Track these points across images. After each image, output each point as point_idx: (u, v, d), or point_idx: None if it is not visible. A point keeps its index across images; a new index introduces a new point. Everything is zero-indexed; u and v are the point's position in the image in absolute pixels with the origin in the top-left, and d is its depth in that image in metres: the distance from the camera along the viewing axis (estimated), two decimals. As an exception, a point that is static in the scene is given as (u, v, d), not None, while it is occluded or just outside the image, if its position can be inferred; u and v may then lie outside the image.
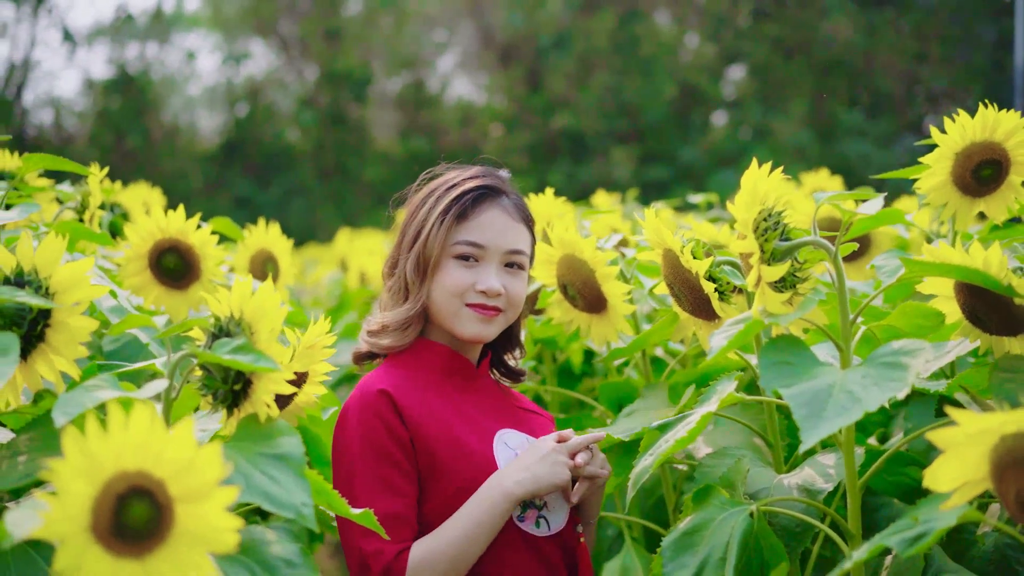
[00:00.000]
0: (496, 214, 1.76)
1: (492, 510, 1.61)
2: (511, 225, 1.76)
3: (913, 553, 1.13)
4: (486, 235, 1.74)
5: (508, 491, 1.61)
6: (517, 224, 1.78)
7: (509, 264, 1.76)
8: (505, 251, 1.75)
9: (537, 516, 1.69)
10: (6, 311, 1.29)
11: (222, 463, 0.99)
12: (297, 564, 1.25)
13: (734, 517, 1.40)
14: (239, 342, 1.29)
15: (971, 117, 1.68)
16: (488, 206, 1.76)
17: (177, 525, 0.98)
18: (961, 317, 1.52)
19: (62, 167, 1.81)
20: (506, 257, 1.75)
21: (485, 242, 1.74)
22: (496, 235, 1.74)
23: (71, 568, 0.94)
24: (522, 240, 1.78)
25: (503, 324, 1.77)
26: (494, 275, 1.73)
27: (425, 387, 1.73)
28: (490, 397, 1.81)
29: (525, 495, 1.62)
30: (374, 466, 1.64)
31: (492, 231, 1.74)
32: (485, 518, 1.61)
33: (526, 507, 1.68)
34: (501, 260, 1.75)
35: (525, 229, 1.79)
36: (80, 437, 0.95)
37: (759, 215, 1.42)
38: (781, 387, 1.30)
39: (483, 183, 1.78)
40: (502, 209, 1.76)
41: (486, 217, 1.75)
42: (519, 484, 1.61)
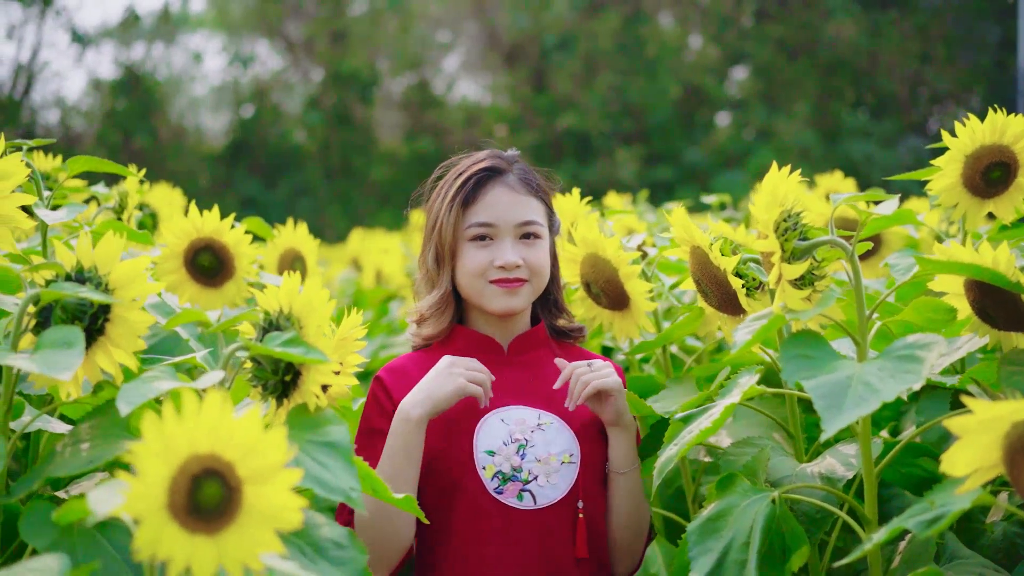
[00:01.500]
0: (501, 192, 1.84)
1: (399, 438, 1.72)
2: (518, 199, 1.84)
3: (930, 534, 1.19)
4: (494, 213, 1.83)
5: (407, 414, 1.72)
6: (524, 197, 1.85)
7: (524, 236, 1.84)
8: (516, 224, 1.83)
9: (519, 490, 1.76)
10: (68, 306, 1.36)
11: (286, 447, 1.06)
12: (345, 546, 1.31)
13: (757, 503, 1.47)
14: (289, 335, 1.36)
15: (980, 120, 1.74)
16: (492, 186, 1.85)
17: (245, 504, 1.05)
18: (971, 313, 1.59)
19: (105, 168, 1.89)
20: (519, 230, 1.83)
21: (494, 220, 1.83)
22: (503, 211, 1.83)
23: (150, 544, 1.01)
24: (532, 211, 1.85)
25: (531, 293, 1.85)
26: (509, 249, 1.82)
27: None
28: (522, 374, 1.86)
29: (424, 414, 1.71)
30: (363, 436, 1.83)
31: (499, 208, 1.83)
32: (396, 447, 1.72)
33: (505, 480, 1.76)
34: (515, 234, 1.83)
35: (534, 200, 1.86)
36: (158, 421, 1.02)
37: (779, 216, 1.49)
38: (802, 379, 1.37)
39: (484, 166, 1.87)
40: (506, 186, 1.85)
41: (491, 196, 1.84)
42: (416, 405, 1.72)
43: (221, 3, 19.60)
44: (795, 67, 16.35)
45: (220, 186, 15.87)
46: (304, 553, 1.30)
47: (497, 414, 1.81)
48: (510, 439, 1.79)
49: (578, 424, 1.83)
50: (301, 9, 18.59)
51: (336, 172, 17.00)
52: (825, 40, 16.20)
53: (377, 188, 16.72)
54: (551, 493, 1.77)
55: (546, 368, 1.88)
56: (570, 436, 1.81)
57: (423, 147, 16.78)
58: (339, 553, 1.31)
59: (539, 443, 1.79)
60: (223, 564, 1.04)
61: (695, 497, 2.10)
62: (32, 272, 1.41)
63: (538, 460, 1.78)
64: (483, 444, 1.78)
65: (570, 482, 1.78)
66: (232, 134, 17.79)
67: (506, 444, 1.79)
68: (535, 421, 1.81)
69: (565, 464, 1.79)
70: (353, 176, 16.98)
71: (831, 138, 15.52)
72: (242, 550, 1.05)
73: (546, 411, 1.83)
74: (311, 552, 1.30)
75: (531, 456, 1.78)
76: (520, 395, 1.84)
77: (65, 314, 1.36)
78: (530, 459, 1.78)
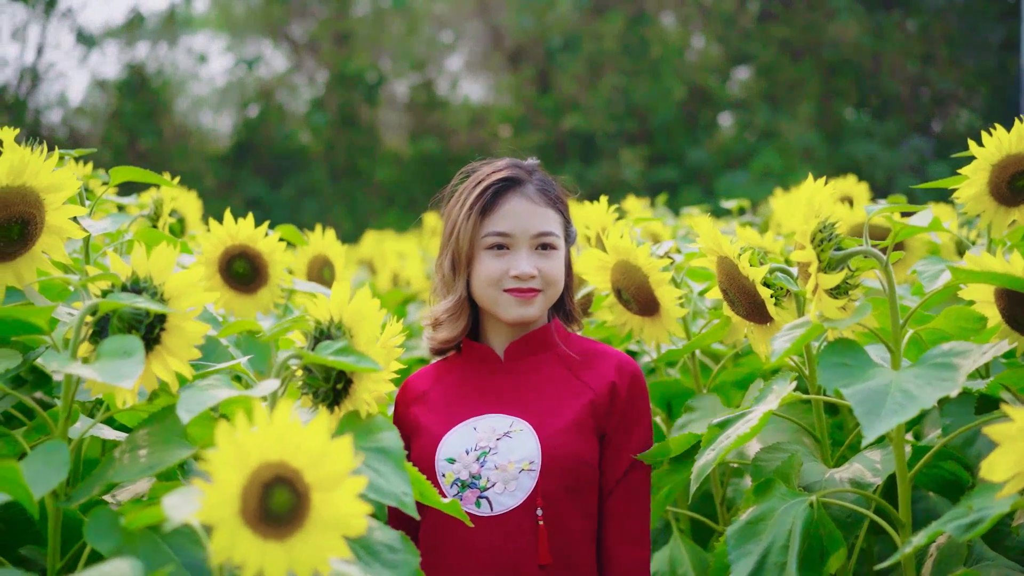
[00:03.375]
0: (518, 202, 1.87)
1: None
2: (535, 210, 1.87)
3: (970, 538, 1.23)
4: (511, 223, 1.85)
5: None
6: (542, 208, 1.87)
7: (540, 247, 1.86)
8: (532, 235, 1.86)
9: (477, 497, 1.78)
10: (125, 316, 1.40)
11: (352, 455, 1.09)
12: (398, 549, 1.35)
13: (796, 507, 1.51)
14: (341, 344, 1.40)
15: (987, 121, 1.78)
16: (510, 196, 1.87)
17: (313, 511, 1.09)
18: (1001, 321, 1.62)
19: (146, 179, 1.92)
20: (535, 240, 1.86)
21: (511, 230, 1.85)
22: (521, 222, 1.85)
23: (225, 549, 1.04)
24: (549, 222, 1.87)
25: (544, 303, 1.87)
26: (525, 260, 1.84)
27: (444, 376, 1.93)
28: (511, 381, 1.88)
29: None
30: None
31: (516, 219, 1.86)
32: None
33: (464, 487, 1.78)
34: (531, 244, 1.86)
35: (551, 211, 1.88)
36: (231, 431, 1.05)
37: (816, 227, 1.53)
38: (841, 387, 1.41)
39: (503, 175, 1.89)
40: (524, 197, 1.87)
41: (509, 207, 1.86)
42: None
43: (225, 4, 19.64)
44: (798, 68, 16.38)
45: (225, 187, 15.91)
46: (359, 556, 1.33)
47: (471, 423, 1.84)
48: (475, 447, 1.81)
49: (549, 431, 1.81)
50: (305, 10, 18.63)
51: (341, 173, 17.04)
52: (828, 41, 16.22)
53: (382, 189, 16.76)
54: (508, 500, 1.78)
55: (539, 373, 1.88)
56: (535, 444, 1.79)
57: (428, 148, 16.82)
58: (392, 556, 1.35)
59: (503, 450, 1.79)
60: (293, 569, 1.08)
61: (723, 500, 2.13)
62: (88, 283, 1.45)
63: (497, 468, 1.78)
64: (445, 452, 1.81)
65: (528, 490, 1.77)
66: (237, 135, 17.82)
67: (468, 452, 1.80)
68: (505, 428, 1.82)
69: (524, 472, 1.78)
70: (358, 177, 17.01)
71: (834, 138, 15.55)
72: (311, 555, 1.08)
73: (520, 418, 1.83)
74: (365, 555, 1.33)
75: (491, 464, 1.79)
76: (500, 402, 1.86)
77: (122, 324, 1.40)
78: (489, 466, 1.78)
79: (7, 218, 1.52)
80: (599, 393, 1.85)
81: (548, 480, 1.78)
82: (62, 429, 1.40)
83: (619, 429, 1.84)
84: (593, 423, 1.83)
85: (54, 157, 1.53)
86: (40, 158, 1.51)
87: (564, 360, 1.89)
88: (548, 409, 1.84)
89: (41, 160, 1.51)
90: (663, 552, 2.18)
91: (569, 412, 1.83)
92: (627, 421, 1.85)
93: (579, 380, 1.87)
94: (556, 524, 1.78)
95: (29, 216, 1.53)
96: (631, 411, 1.85)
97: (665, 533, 2.31)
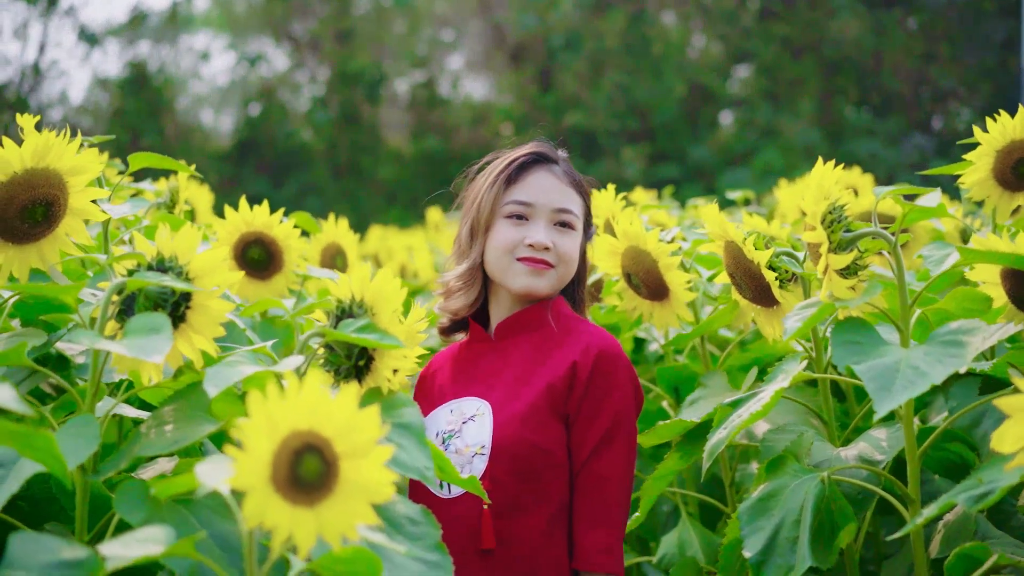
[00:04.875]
0: (544, 175, 1.88)
1: None
2: (559, 187, 1.88)
3: (981, 508, 1.26)
4: (533, 194, 1.86)
5: None
6: (566, 187, 1.88)
7: (559, 223, 1.86)
8: (553, 209, 1.86)
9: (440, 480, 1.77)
10: (151, 294, 1.43)
11: (379, 424, 1.12)
12: (420, 522, 1.38)
13: (807, 484, 1.54)
14: (364, 322, 1.43)
15: (990, 118, 1.81)
16: (537, 169, 1.89)
17: (342, 478, 1.12)
18: (1007, 301, 1.66)
19: (164, 165, 1.95)
20: (555, 216, 1.86)
21: (532, 200, 1.86)
22: (543, 194, 1.86)
23: (256, 515, 1.07)
24: (571, 201, 1.88)
25: (556, 280, 1.85)
26: (543, 230, 1.84)
27: (450, 357, 1.94)
28: (495, 362, 1.87)
29: None
30: None
31: (540, 190, 1.87)
32: None
33: None
34: (550, 218, 1.86)
35: (575, 193, 1.90)
36: (263, 400, 1.08)
37: (826, 208, 1.56)
38: (853, 364, 1.44)
39: (534, 150, 1.92)
40: (551, 172, 1.89)
41: (534, 178, 1.88)
42: None
43: (226, 2, 19.67)
44: (799, 65, 16.41)
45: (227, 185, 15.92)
46: (382, 528, 1.36)
47: (450, 405, 1.85)
48: (444, 430, 1.81)
49: (504, 415, 1.79)
50: (307, 8, 18.65)
51: (343, 171, 17.07)
52: (829, 39, 16.25)
53: (384, 187, 16.79)
54: None
55: (517, 354, 1.85)
56: (489, 428, 1.78)
57: (429, 146, 16.85)
58: (414, 529, 1.38)
59: (464, 434, 1.79)
60: (322, 534, 1.11)
61: (732, 482, 2.16)
62: (114, 262, 1.48)
63: (456, 452, 1.78)
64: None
65: (479, 474, 1.75)
66: (239, 133, 17.86)
67: (437, 435, 1.81)
68: (472, 411, 1.81)
69: (477, 456, 1.77)
70: (360, 175, 17.05)
71: (835, 136, 15.57)
72: (340, 521, 1.11)
73: (486, 400, 1.82)
74: (388, 527, 1.36)
75: (452, 447, 1.79)
76: (478, 384, 1.85)
77: (148, 302, 1.43)
78: (451, 450, 1.78)
79: (31, 200, 1.55)
80: (557, 375, 1.79)
81: (496, 465, 1.75)
82: (90, 404, 1.42)
83: (582, 411, 1.78)
84: (550, 407, 1.78)
85: (77, 140, 1.56)
86: (64, 140, 1.54)
87: (546, 340, 1.85)
88: (510, 392, 1.81)
89: (65, 143, 1.54)
90: (672, 535, 2.21)
91: (528, 395, 1.80)
92: (590, 402, 1.78)
93: (547, 361, 1.82)
94: (504, 509, 1.75)
95: (53, 198, 1.56)
96: (594, 392, 1.78)
97: (674, 516, 2.34)
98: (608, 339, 1.84)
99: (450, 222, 4.97)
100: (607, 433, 1.77)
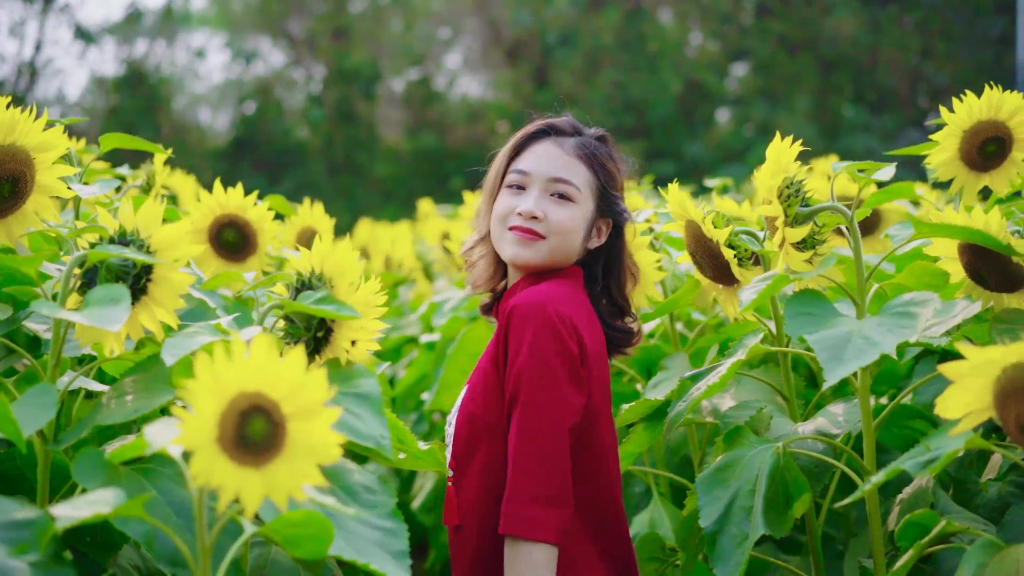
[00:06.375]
0: (548, 147, 1.84)
1: None
2: (561, 157, 1.82)
3: (924, 474, 1.28)
4: (531, 163, 1.82)
5: None
6: (569, 158, 1.82)
7: (556, 194, 1.80)
8: (548, 178, 1.80)
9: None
10: (113, 267, 1.44)
11: (327, 386, 1.14)
12: (376, 491, 1.40)
13: (762, 454, 1.55)
14: (322, 294, 1.44)
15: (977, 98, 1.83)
16: (542, 140, 1.85)
17: (289, 439, 1.14)
18: (964, 276, 1.67)
19: (135, 146, 1.97)
20: (550, 185, 1.80)
21: (530, 169, 1.82)
22: (541, 163, 1.82)
23: (203, 474, 1.09)
24: (572, 172, 1.81)
25: (547, 251, 1.78)
26: (533, 199, 1.79)
27: None
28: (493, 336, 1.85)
29: None
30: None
31: (539, 160, 1.82)
32: None
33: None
34: (545, 188, 1.80)
35: (581, 165, 1.82)
36: (210, 362, 1.10)
37: (783, 182, 1.58)
38: (805, 334, 1.45)
39: (545, 123, 1.89)
40: (556, 144, 1.84)
41: (537, 148, 1.84)
42: None
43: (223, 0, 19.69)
44: (795, 63, 16.42)
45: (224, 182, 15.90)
46: (337, 496, 1.38)
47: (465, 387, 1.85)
48: (454, 409, 1.83)
49: (469, 392, 1.79)
50: (303, 6, 18.67)
51: (339, 168, 17.08)
52: (825, 36, 16.27)
53: (380, 184, 16.80)
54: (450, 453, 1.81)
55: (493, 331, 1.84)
56: (457, 404, 1.81)
57: (426, 143, 16.86)
58: (370, 497, 1.40)
59: (452, 413, 1.83)
60: (269, 494, 1.12)
61: (701, 462, 2.18)
62: (76, 236, 1.49)
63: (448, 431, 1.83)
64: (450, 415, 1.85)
65: (450, 452, 1.79)
66: (235, 130, 17.88)
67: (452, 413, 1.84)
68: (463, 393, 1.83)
69: (449, 435, 1.81)
70: (356, 172, 17.06)
71: (831, 133, 15.59)
72: (287, 481, 1.13)
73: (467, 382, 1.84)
74: (343, 495, 1.38)
75: (449, 430, 1.83)
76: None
77: (110, 274, 1.45)
78: (449, 432, 1.82)
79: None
80: (493, 344, 1.78)
81: (456, 442, 1.77)
82: (51, 375, 1.44)
83: (504, 373, 1.73)
84: (496, 377, 1.75)
85: (44, 117, 1.57)
86: (30, 118, 1.55)
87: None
88: (476, 369, 1.82)
89: (31, 120, 1.55)
90: (644, 514, 2.23)
91: (480, 365, 1.80)
92: (508, 364, 1.72)
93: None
94: (460, 485, 1.75)
95: (19, 174, 1.57)
96: (509, 351, 1.71)
97: (646, 497, 2.36)
98: (529, 296, 1.73)
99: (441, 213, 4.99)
100: (512, 395, 1.70)
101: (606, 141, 1.91)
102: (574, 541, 1.68)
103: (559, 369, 1.67)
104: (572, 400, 1.67)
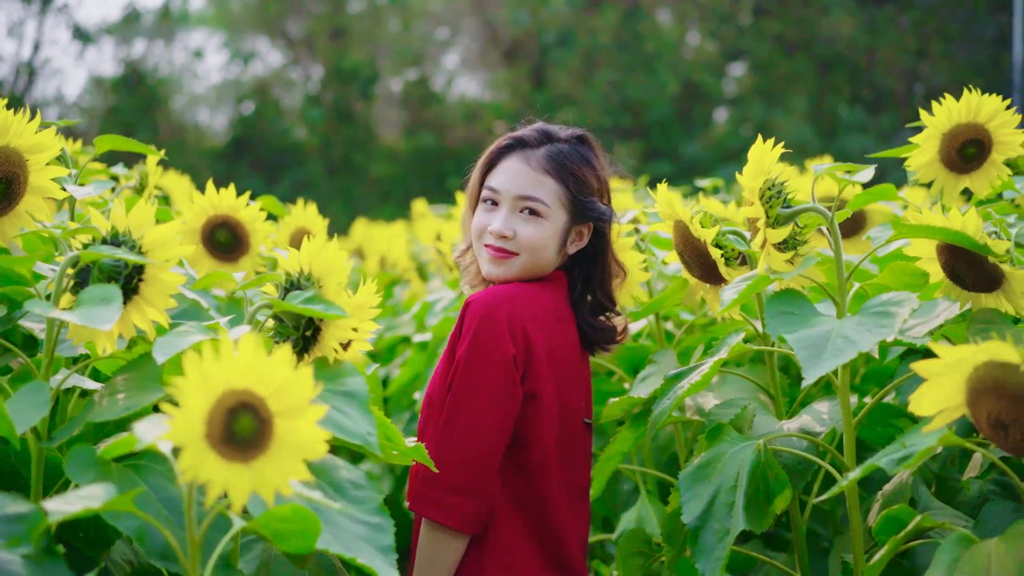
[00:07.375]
0: (515, 163, 1.90)
1: None
2: (527, 174, 1.87)
3: (899, 470, 1.31)
4: (500, 181, 1.89)
5: None
6: (536, 174, 1.86)
7: (525, 210, 1.86)
8: (515, 196, 1.86)
9: None
10: (105, 267, 1.47)
11: (313, 384, 1.17)
12: (363, 486, 1.43)
13: (744, 451, 1.58)
14: (310, 293, 1.47)
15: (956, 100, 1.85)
16: (511, 156, 1.91)
17: (276, 436, 1.16)
18: (943, 276, 1.70)
19: (130, 148, 1.99)
20: (517, 203, 1.86)
21: (499, 187, 1.89)
22: (509, 181, 1.88)
23: (191, 469, 1.12)
24: (539, 188, 1.86)
25: (518, 267, 1.86)
26: (503, 218, 1.86)
27: None
28: None
29: None
30: None
31: (507, 178, 1.88)
32: None
33: None
34: (513, 206, 1.86)
35: (549, 179, 1.87)
36: (198, 360, 1.13)
37: (764, 184, 1.60)
38: (785, 333, 1.48)
39: (515, 136, 1.94)
40: (523, 159, 1.89)
41: (507, 165, 1.90)
42: None
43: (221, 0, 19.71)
44: (792, 63, 16.47)
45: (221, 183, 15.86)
46: (324, 492, 1.41)
47: None
48: None
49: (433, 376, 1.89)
50: (301, 6, 18.70)
51: (337, 168, 17.11)
52: (822, 36, 16.31)
53: (378, 184, 16.84)
54: None
55: None
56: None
57: (423, 143, 16.91)
58: (357, 493, 1.42)
59: None
60: (256, 489, 1.15)
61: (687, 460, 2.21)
62: (70, 236, 1.52)
63: None
64: None
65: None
66: (233, 131, 17.91)
67: None
68: None
69: None
70: (354, 172, 17.09)
71: (828, 133, 15.64)
72: (274, 477, 1.15)
73: None
74: (331, 491, 1.41)
75: None
76: None
77: (102, 274, 1.47)
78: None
79: (-8, 177, 1.58)
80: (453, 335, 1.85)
81: (420, 423, 1.87)
82: (44, 373, 1.47)
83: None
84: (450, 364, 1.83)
85: (37, 119, 1.60)
86: (23, 119, 1.58)
87: None
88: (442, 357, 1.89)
89: (24, 121, 1.58)
90: (631, 512, 2.26)
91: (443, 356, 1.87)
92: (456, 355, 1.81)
93: None
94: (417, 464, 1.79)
95: (12, 175, 1.60)
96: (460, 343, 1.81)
97: (634, 495, 2.39)
98: (485, 295, 1.82)
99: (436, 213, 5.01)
100: (450, 383, 1.80)
101: (585, 141, 1.97)
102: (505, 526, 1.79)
103: (489, 365, 1.77)
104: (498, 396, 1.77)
